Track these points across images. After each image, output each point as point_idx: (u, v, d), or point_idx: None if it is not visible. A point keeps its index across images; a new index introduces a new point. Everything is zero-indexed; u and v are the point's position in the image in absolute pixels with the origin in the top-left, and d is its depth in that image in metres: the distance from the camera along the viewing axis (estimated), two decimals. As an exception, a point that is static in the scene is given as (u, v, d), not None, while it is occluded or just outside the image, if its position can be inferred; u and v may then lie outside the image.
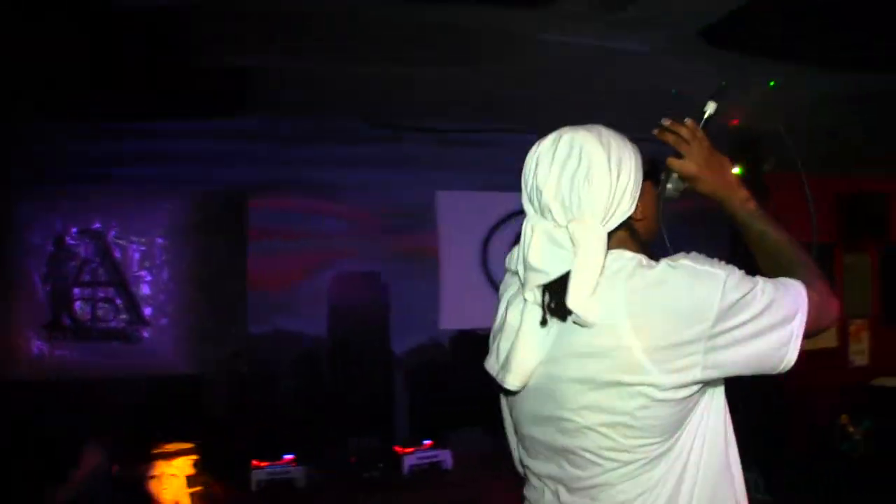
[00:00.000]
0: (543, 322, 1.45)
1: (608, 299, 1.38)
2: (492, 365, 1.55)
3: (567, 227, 1.42)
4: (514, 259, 1.59)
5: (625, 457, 1.42)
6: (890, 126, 5.64)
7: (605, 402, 1.40)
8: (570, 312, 1.39)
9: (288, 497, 4.13)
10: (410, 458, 4.45)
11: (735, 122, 5.28)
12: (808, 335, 1.43)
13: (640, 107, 4.71)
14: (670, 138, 1.64)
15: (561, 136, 1.52)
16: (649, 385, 1.36)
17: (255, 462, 4.22)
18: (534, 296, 1.46)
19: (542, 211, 1.47)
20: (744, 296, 1.38)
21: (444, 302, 5.16)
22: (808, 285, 1.46)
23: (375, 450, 4.59)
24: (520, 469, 1.73)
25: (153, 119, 4.43)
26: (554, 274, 1.42)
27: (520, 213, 1.52)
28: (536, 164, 1.49)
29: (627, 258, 1.43)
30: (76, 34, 3.25)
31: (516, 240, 1.55)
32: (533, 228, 1.47)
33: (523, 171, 1.54)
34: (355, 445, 4.64)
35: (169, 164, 4.73)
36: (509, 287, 1.61)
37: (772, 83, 4.21)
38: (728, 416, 1.54)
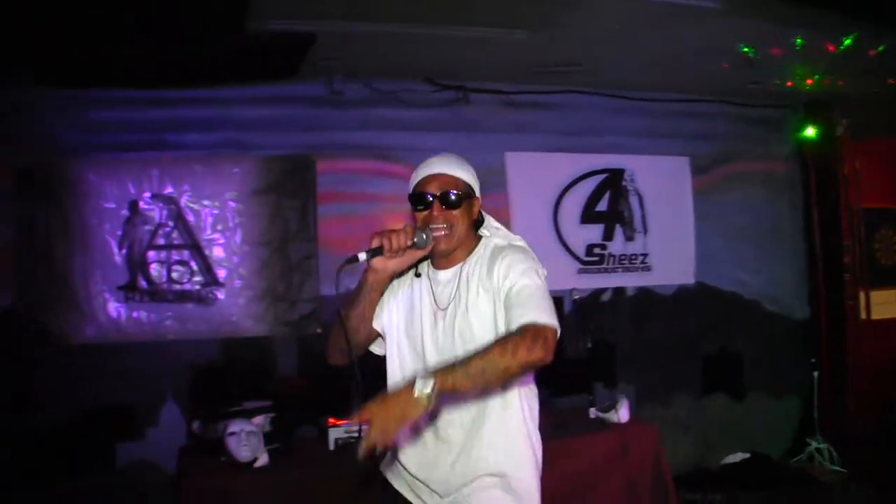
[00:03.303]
0: None
1: None
2: None
3: None
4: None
5: None
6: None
7: None
8: None
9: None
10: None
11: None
12: None
13: (704, 65, 4.47)
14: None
15: None
16: None
17: (331, 420, 4.17)
18: None
19: None
20: None
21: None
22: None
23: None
24: None
25: (213, 85, 4.43)
26: None
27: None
28: None
29: None
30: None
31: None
32: None
33: None
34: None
35: (234, 130, 4.78)
36: None
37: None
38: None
